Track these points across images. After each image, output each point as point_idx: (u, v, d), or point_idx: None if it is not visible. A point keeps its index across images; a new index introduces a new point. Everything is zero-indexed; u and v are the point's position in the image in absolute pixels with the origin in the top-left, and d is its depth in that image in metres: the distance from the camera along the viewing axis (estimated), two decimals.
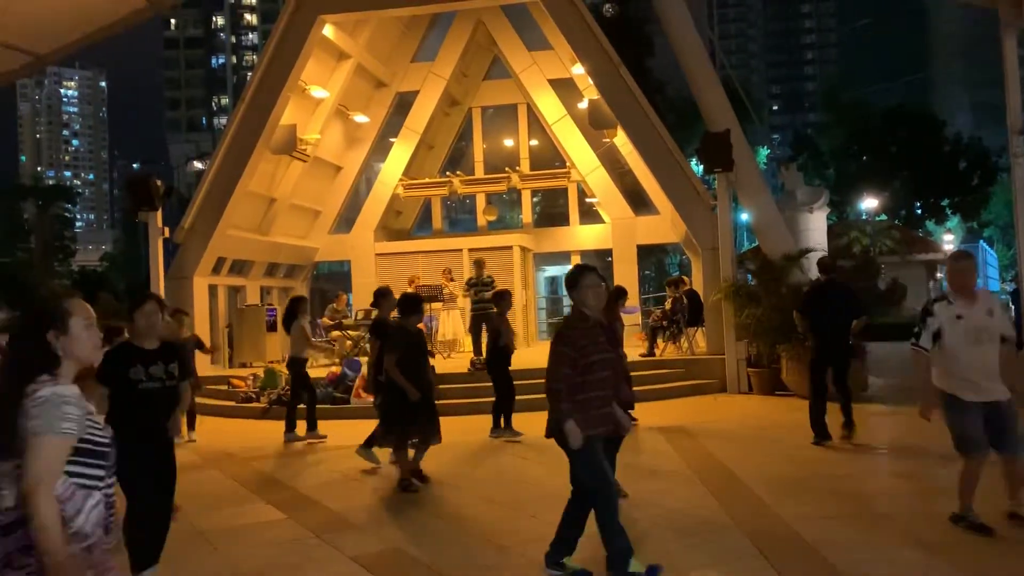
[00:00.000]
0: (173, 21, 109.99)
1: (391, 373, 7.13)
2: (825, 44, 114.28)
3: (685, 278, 15.92)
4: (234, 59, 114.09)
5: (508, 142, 20.35)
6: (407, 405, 7.10)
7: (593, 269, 4.93)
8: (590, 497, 4.67)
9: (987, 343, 5.11)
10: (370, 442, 7.97)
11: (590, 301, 4.74)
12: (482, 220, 20.32)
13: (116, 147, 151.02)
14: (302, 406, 10.05)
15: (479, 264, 14.57)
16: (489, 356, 10.00)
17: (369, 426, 8.43)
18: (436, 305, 15.10)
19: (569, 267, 19.78)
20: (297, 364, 10.09)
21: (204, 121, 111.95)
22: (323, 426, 10.71)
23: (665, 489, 6.98)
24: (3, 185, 65.16)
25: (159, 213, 14.10)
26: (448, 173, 19.60)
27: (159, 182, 14.25)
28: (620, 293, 9.25)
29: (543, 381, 6.33)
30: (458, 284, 15.55)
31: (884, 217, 37.10)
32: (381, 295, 8.52)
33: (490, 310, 13.75)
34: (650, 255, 36.53)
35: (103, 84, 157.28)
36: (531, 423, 8.11)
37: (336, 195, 18.96)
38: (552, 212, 25.70)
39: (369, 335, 8.01)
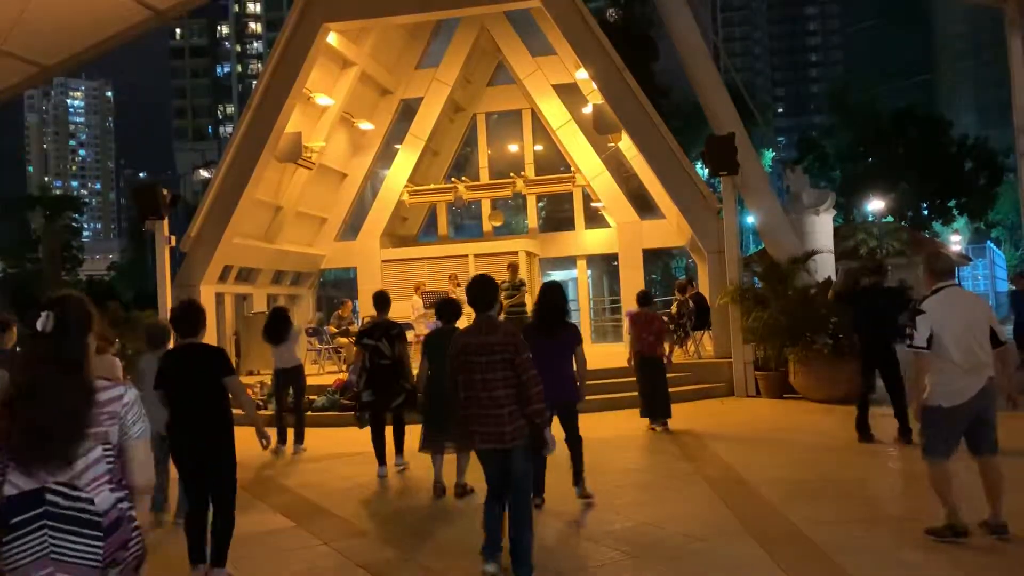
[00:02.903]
0: (178, 31, 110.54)
1: None
2: (830, 46, 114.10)
3: (693, 282, 15.91)
4: (239, 68, 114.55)
5: (513, 147, 20.37)
6: (444, 412, 6.99)
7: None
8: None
9: None
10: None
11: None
12: (488, 226, 20.32)
13: (123, 157, 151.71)
14: (268, 412, 10.17)
15: (513, 268, 14.48)
16: None
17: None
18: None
19: (575, 272, 19.89)
20: (301, 372, 10.10)
21: (210, 130, 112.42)
22: (329, 433, 10.75)
23: (674, 494, 6.95)
24: (11, 196, 65.45)
25: (165, 222, 14.14)
26: (453, 179, 19.62)
27: (165, 191, 14.30)
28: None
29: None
30: (464, 289, 15.54)
31: (891, 219, 36.97)
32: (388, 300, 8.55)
33: (523, 314, 13.82)
34: (656, 259, 36.49)
35: (109, 94, 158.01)
36: None
37: (342, 202, 18.99)
38: (557, 217, 25.64)
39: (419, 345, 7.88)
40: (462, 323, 6.70)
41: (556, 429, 6.57)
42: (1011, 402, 5.15)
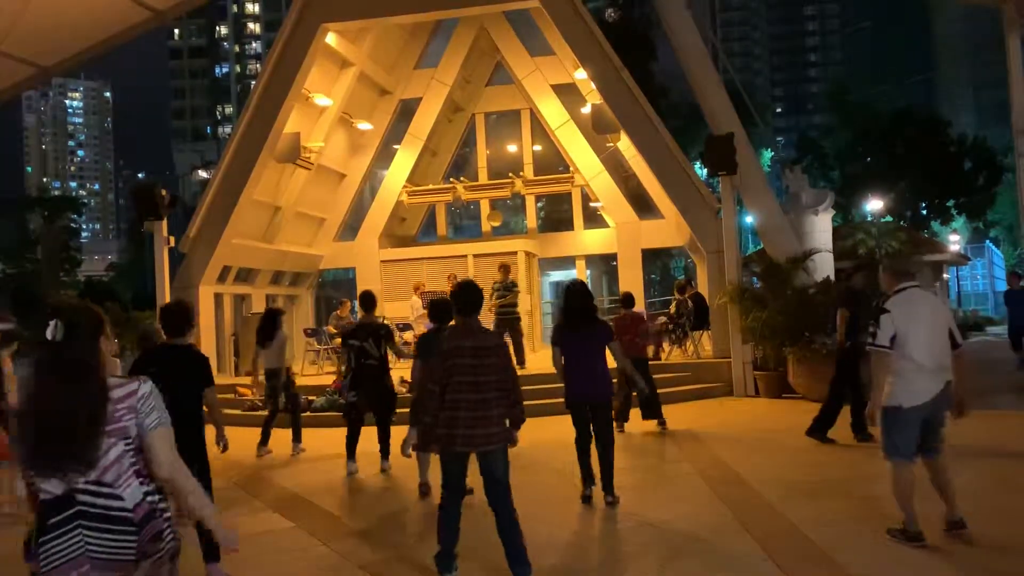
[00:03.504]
0: (177, 31, 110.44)
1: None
2: (828, 46, 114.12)
3: (692, 282, 15.91)
4: (238, 68, 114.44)
5: (512, 148, 20.38)
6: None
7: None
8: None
9: None
10: None
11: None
12: (486, 226, 20.33)
13: (121, 157, 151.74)
14: (263, 413, 10.20)
15: (505, 268, 14.34)
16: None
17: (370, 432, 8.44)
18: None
19: (574, 272, 19.89)
20: (281, 375, 10.12)
21: (209, 130, 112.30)
22: (328, 433, 10.73)
23: (673, 493, 6.95)
24: (9, 197, 65.40)
25: (164, 222, 14.14)
26: (452, 179, 19.63)
27: (164, 192, 14.30)
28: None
29: (550, 386, 6.37)
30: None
31: (890, 218, 36.96)
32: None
33: (514, 316, 13.78)
34: (655, 259, 36.50)
35: (108, 95, 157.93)
36: (541, 428, 8.09)
37: (340, 202, 19.00)
38: (556, 217, 25.70)
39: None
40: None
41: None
42: (958, 407, 5.10)
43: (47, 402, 2.55)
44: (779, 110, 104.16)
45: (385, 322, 9.53)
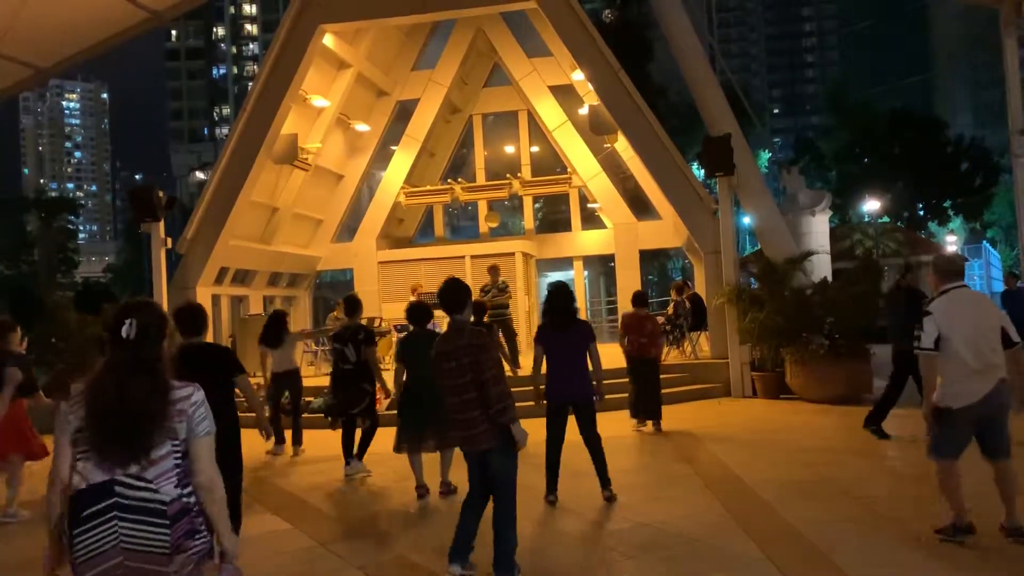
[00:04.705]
0: (174, 32, 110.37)
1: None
2: (826, 47, 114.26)
3: (689, 282, 15.92)
4: (235, 69, 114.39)
5: (509, 149, 20.38)
6: (420, 414, 7.04)
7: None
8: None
9: None
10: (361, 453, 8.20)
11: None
12: (484, 227, 20.32)
13: (118, 159, 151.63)
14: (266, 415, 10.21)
15: (494, 270, 14.26)
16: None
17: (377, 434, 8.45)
18: (439, 312, 15.04)
19: (572, 272, 19.90)
20: (298, 376, 10.17)
21: (206, 131, 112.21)
22: (325, 434, 10.71)
23: (671, 494, 6.95)
24: (6, 198, 65.33)
25: (161, 224, 14.12)
26: (450, 180, 19.63)
27: (161, 193, 14.27)
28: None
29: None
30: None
31: (887, 219, 37.05)
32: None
33: (506, 316, 13.76)
34: (653, 260, 36.54)
35: (105, 96, 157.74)
36: (534, 430, 8.09)
37: (338, 203, 18.99)
38: (554, 218, 25.72)
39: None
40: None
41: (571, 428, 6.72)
42: (1022, 403, 5.07)
43: (119, 397, 2.64)
44: (776, 111, 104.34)
45: (376, 326, 9.55)
